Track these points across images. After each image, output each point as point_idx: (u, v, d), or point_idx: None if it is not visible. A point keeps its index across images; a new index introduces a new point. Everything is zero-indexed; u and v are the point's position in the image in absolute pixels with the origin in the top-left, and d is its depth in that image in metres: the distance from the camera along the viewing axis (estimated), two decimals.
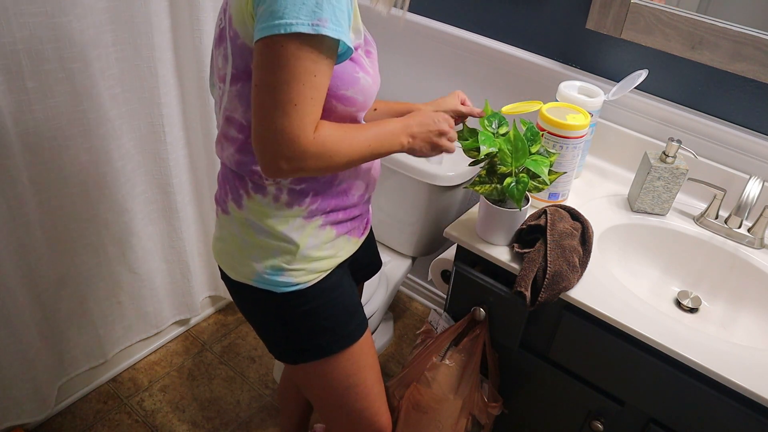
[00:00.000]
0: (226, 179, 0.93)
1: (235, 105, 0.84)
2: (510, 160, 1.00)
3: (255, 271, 0.92)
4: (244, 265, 0.93)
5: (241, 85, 0.82)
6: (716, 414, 0.94)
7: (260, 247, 0.91)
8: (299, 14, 0.70)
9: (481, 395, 1.20)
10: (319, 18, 0.71)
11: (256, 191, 0.89)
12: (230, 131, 0.87)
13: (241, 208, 0.91)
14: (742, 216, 1.12)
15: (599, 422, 1.10)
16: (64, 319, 1.54)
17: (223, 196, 0.94)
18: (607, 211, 1.22)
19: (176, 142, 1.56)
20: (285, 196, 0.89)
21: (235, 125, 0.86)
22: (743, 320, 1.09)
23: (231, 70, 0.82)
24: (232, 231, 0.93)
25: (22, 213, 1.31)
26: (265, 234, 0.91)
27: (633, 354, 0.99)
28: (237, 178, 0.90)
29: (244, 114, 0.84)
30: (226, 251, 0.96)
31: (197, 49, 1.44)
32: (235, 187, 0.91)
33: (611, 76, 1.33)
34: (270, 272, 0.92)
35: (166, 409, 1.68)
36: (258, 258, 0.92)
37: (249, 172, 0.88)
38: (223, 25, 0.83)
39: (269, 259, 0.92)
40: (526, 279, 1.00)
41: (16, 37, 1.16)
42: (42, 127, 1.28)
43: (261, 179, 0.88)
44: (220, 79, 0.86)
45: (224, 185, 0.93)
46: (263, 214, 0.90)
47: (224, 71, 0.84)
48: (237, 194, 0.91)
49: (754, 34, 1.10)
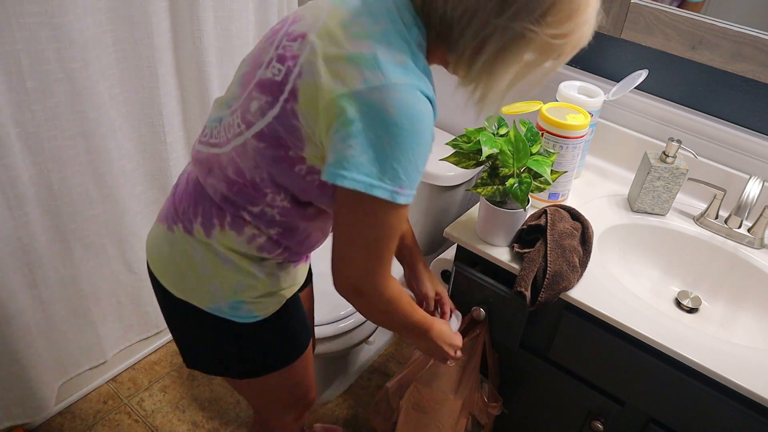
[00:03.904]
0: (198, 202, 0.86)
1: (247, 157, 0.80)
2: (511, 161, 1.00)
3: (213, 301, 0.88)
4: (200, 291, 0.88)
5: (264, 146, 0.78)
6: (716, 414, 0.94)
7: (223, 277, 0.87)
8: (405, 181, 0.71)
9: (481, 395, 1.20)
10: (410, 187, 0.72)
11: (232, 227, 0.84)
12: (229, 170, 0.82)
13: (209, 237, 0.86)
14: (742, 216, 1.12)
15: (599, 422, 1.10)
16: (64, 319, 1.54)
17: (188, 215, 0.87)
18: (607, 211, 1.22)
19: (176, 142, 1.56)
20: (260, 241, 0.86)
21: (237, 171, 0.81)
22: (743, 320, 1.09)
23: (263, 127, 0.77)
24: (189, 252, 0.87)
25: (22, 213, 1.31)
26: (230, 265, 0.86)
27: (633, 354, 0.99)
28: (215, 207, 0.85)
29: (251, 169, 0.80)
30: (177, 271, 0.89)
31: (197, 49, 1.44)
32: (209, 213, 0.85)
33: (611, 76, 1.33)
34: (231, 305, 0.89)
35: (166, 409, 1.68)
36: (218, 289, 0.87)
37: (232, 211, 0.84)
38: (280, 79, 0.75)
39: (231, 292, 0.88)
40: (526, 279, 1.00)
41: (16, 37, 1.16)
42: (42, 127, 1.28)
43: (242, 219, 0.84)
44: (242, 119, 0.80)
45: (193, 205, 0.87)
46: (231, 248, 0.86)
47: (253, 119, 0.78)
48: (209, 222, 0.85)
49: (754, 34, 1.10)
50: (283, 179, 0.80)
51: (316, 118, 0.72)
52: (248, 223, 0.84)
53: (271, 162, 0.78)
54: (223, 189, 0.83)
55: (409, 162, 0.71)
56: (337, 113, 0.70)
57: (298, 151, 0.76)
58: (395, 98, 0.68)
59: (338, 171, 0.70)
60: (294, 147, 0.76)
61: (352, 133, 0.69)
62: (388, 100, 0.68)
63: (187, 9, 1.39)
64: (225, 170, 0.82)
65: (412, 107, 0.69)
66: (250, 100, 0.79)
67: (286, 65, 0.75)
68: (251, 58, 0.83)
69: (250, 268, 0.87)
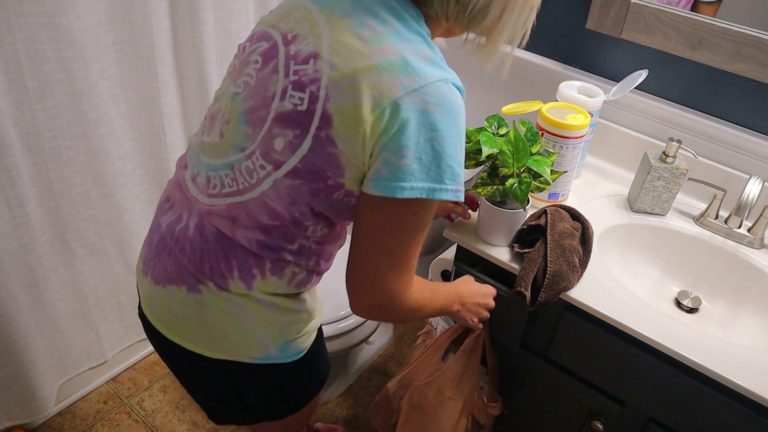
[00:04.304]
0: (231, 255, 0.79)
1: (281, 196, 0.74)
2: (511, 161, 1.00)
3: (261, 350, 0.84)
4: (245, 343, 0.83)
5: (299, 183, 0.73)
6: (716, 414, 0.94)
7: (268, 323, 0.83)
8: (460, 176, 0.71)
9: (480, 395, 1.20)
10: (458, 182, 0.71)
11: (273, 273, 0.80)
12: (262, 216, 0.76)
13: (250, 289, 0.80)
14: (742, 216, 1.12)
15: (599, 422, 1.10)
16: (64, 319, 1.54)
17: (219, 272, 0.80)
18: (607, 211, 1.22)
19: (176, 142, 1.56)
20: (300, 278, 0.83)
21: (273, 214, 0.76)
22: (743, 320, 1.09)
23: (297, 163, 0.72)
24: (227, 308, 0.81)
25: (22, 213, 1.31)
26: (273, 309, 0.83)
27: (633, 354, 0.99)
28: (251, 257, 0.79)
29: (287, 207, 0.75)
30: (215, 331, 0.83)
31: (197, 49, 1.44)
32: (246, 265, 0.79)
33: (611, 76, 1.33)
34: (280, 348, 0.85)
35: (166, 409, 1.68)
36: (265, 336, 0.84)
37: (272, 255, 0.79)
38: (302, 110, 0.70)
39: (279, 334, 0.85)
40: (526, 279, 1.00)
41: (16, 37, 1.16)
42: (42, 127, 1.28)
43: (282, 261, 0.80)
44: (267, 160, 0.73)
45: (224, 260, 0.79)
46: (273, 293, 0.82)
47: (281, 157, 0.72)
48: (248, 274, 0.79)
49: (754, 34, 1.10)
50: (322, 207, 0.76)
51: (355, 138, 0.68)
52: (288, 263, 0.80)
53: (309, 196, 0.74)
54: (258, 236, 0.78)
55: (459, 156, 0.71)
56: (382, 128, 0.67)
57: (337, 178, 0.72)
58: (436, 97, 0.67)
59: (397, 184, 0.68)
60: (334, 176, 0.72)
61: (403, 143, 0.67)
62: (430, 100, 0.67)
63: (187, 9, 1.39)
64: (256, 217, 0.77)
65: (451, 102, 0.69)
66: (272, 138, 0.72)
67: (308, 91, 0.70)
68: (250, 89, 0.76)
69: (293, 306, 0.85)
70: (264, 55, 0.76)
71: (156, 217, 0.88)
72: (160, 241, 0.85)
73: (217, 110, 0.82)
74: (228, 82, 0.81)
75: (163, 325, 0.86)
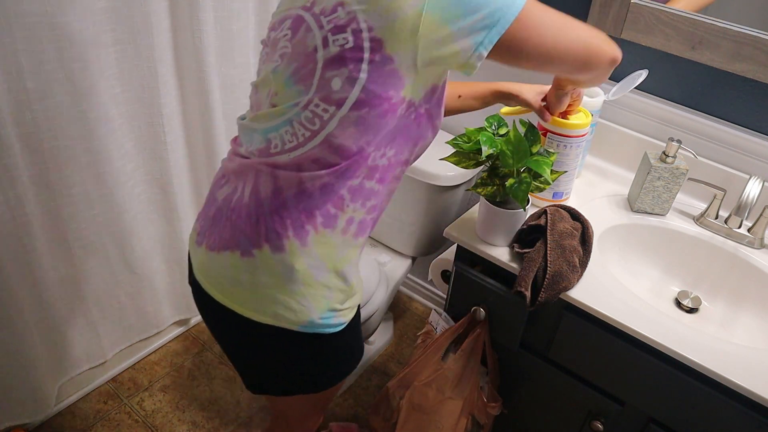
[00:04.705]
0: (285, 215, 0.83)
1: (350, 131, 0.78)
2: (511, 161, 1.00)
3: (307, 316, 0.88)
4: (293, 309, 0.87)
5: (366, 111, 0.77)
6: (716, 414, 0.94)
7: (316, 288, 0.87)
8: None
9: (480, 395, 1.20)
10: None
11: (325, 226, 0.84)
12: (330, 157, 0.80)
13: (305, 245, 0.84)
14: (742, 216, 1.12)
15: (599, 422, 1.10)
16: (64, 319, 1.54)
17: (275, 232, 0.84)
18: (607, 211, 1.22)
19: (176, 142, 1.56)
20: (353, 228, 0.86)
21: (340, 151, 0.80)
22: (743, 320, 1.09)
23: (359, 95, 0.76)
24: (278, 271, 0.85)
25: (22, 213, 1.31)
26: (323, 275, 0.87)
27: (633, 354, 0.99)
28: (305, 213, 0.83)
29: (358, 139, 0.79)
30: (264, 295, 0.87)
31: (197, 49, 1.44)
32: (299, 222, 0.83)
33: (611, 76, 1.33)
34: (325, 316, 0.89)
35: (166, 409, 1.68)
36: (311, 303, 0.87)
37: (332, 197, 0.82)
38: (350, 46, 0.75)
39: (324, 302, 0.88)
40: (526, 279, 1.00)
41: (16, 37, 1.16)
42: (42, 127, 1.28)
43: (339, 206, 0.83)
44: (328, 102, 0.78)
45: (279, 220, 0.83)
46: (325, 252, 0.86)
47: (343, 95, 0.77)
48: (302, 230, 0.83)
49: (754, 34, 1.10)
50: (389, 129, 0.81)
51: (413, 43, 0.73)
52: (345, 208, 0.84)
53: (377, 119, 0.79)
54: (324, 179, 0.82)
55: None
56: (438, 17, 0.71)
57: (398, 93, 0.77)
58: None
59: (501, 11, 0.72)
60: (395, 92, 0.77)
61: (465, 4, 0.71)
62: None
63: (187, 9, 1.39)
64: (323, 160, 0.81)
65: None
66: (327, 82, 0.77)
67: (350, 30, 0.75)
68: (289, 56, 0.81)
69: (339, 274, 0.89)
70: (292, 27, 0.81)
71: (212, 192, 0.94)
72: (217, 212, 0.90)
73: (263, 95, 0.86)
74: (264, 68, 0.87)
75: (215, 289, 0.90)
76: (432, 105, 0.84)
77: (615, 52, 0.84)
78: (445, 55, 0.74)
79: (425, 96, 0.82)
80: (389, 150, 0.83)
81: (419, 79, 0.78)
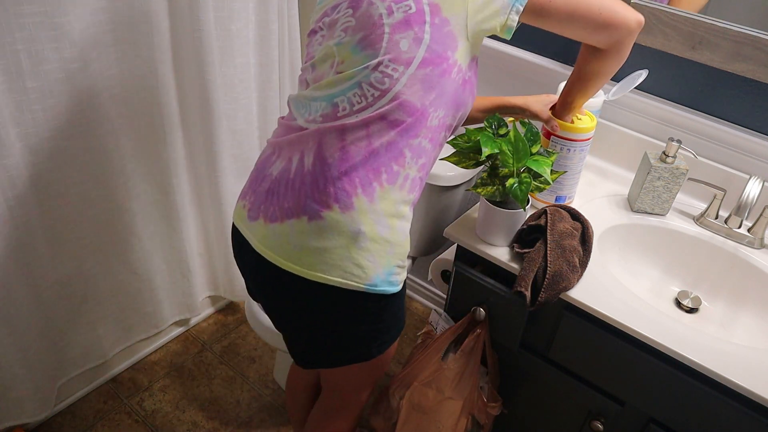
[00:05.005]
0: (353, 174, 0.89)
1: (416, 88, 0.87)
2: (511, 161, 1.00)
3: (374, 274, 0.92)
4: (361, 266, 0.91)
5: (430, 69, 0.86)
6: (716, 414, 0.94)
7: (380, 243, 0.91)
8: None
9: (480, 395, 1.20)
10: None
11: (389, 182, 0.90)
12: (397, 114, 0.87)
13: (373, 202, 0.89)
14: (742, 216, 1.12)
15: (599, 422, 1.10)
16: (64, 319, 1.54)
17: (344, 192, 0.89)
18: (607, 211, 1.22)
19: (176, 142, 1.56)
20: (408, 184, 0.92)
21: (406, 108, 0.87)
22: (743, 320, 1.09)
23: (424, 54, 0.86)
24: (346, 231, 0.89)
25: (22, 213, 1.31)
26: (386, 230, 0.91)
27: (633, 354, 0.99)
28: (372, 170, 0.89)
29: (422, 97, 0.87)
30: (333, 256, 0.91)
31: (197, 49, 1.44)
32: (367, 179, 0.89)
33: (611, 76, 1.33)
34: (388, 271, 0.94)
35: (166, 409, 1.68)
36: (378, 258, 0.92)
37: (396, 154, 0.89)
38: (413, 11, 0.85)
39: (387, 258, 0.93)
40: (526, 279, 1.00)
41: (16, 37, 1.16)
42: (42, 127, 1.28)
43: (399, 161, 0.90)
44: (398, 62, 0.86)
45: (348, 179, 0.89)
46: (388, 207, 0.91)
47: (411, 54, 0.86)
48: (369, 186, 0.89)
49: (754, 34, 1.10)
50: (443, 88, 0.89)
51: (463, 7, 0.85)
52: (403, 164, 0.90)
53: (438, 78, 0.87)
54: (390, 137, 0.88)
55: None
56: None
57: (453, 54, 0.87)
58: None
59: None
60: (451, 53, 0.87)
61: None
62: None
63: (187, 9, 1.39)
64: (391, 116, 0.88)
65: None
66: (395, 44, 0.86)
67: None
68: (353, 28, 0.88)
69: (400, 226, 0.93)
70: (351, 5, 0.90)
71: (261, 170, 0.99)
72: (273, 185, 0.95)
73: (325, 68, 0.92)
74: (321, 48, 0.93)
75: (282, 257, 0.93)
76: (472, 73, 0.93)
77: (638, 15, 0.90)
78: (488, 16, 0.86)
79: (470, 63, 0.91)
80: (441, 111, 0.91)
81: (468, 44, 0.88)
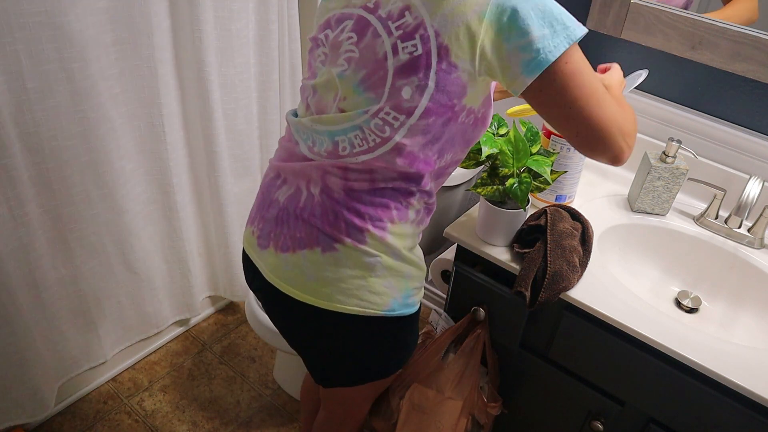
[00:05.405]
0: (363, 210, 0.87)
1: (418, 139, 0.82)
2: (511, 161, 1.00)
3: (391, 298, 0.92)
4: (378, 294, 0.90)
5: (433, 119, 0.81)
6: (716, 414, 0.94)
7: (395, 271, 0.91)
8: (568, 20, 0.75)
9: (480, 395, 1.20)
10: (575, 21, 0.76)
11: (399, 218, 0.88)
12: (400, 161, 0.83)
13: (384, 238, 0.88)
14: (742, 216, 1.12)
15: (599, 422, 1.10)
16: (64, 319, 1.54)
17: (355, 227, 0.87)
18: (607, 211, 1.22)
19: (176, 142, 1.56)
20: (419, 217, 0.91)
21: (409, 157, 0.83)
22: (743, 320, 1.09)
23: (427, 103, 0.79)
24: (362, 261, 0.88)
25: (22, 213, 1.31)
26: (399, 258, 0.90)
27: (633, 354, 0.99)
28: (380, 208, 0.87)
29: (424, 147, 0.83)
30: (350, 286, 0.89)
31: (197, 49, 1.44)
32: (377, 215, 0.87)
33: None
34: (405, 295, 0.93)
35: (166, 409, 1.68)
36: (393, 285, 0.91)
37: (403, 196, 0.87)
38: (419, 54, 0.77)
39: (404, 283, 0.93)
40: (526, 279, 1.00)
41: (16, 37, 1.16)
42: (42, 127, 1.28)
43: (408, 200, 0.88)
44: (399, 111, 0.80)
45: (359, 216, 0.87)
46: (400, 241, 0.90)
47: (413, 104, 0.79)
48: (380, 222, 0.88)
49: (754, 34, 1.10)
50: (451, 134, 0.84)
51: (473, 53, 0.76)
52: (412, 202, 0.88)
53: (441, 128, 0.82)
54: (395, 183, 0.86)
55: (559, 6, 0.76)
56: (496, 28, 0.74)
57: (461, 101, 0.80)
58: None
59: (541, 54, 0.73)
60: (458, 100, 0.80)
61: (521, 24, 0.73)
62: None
63: (187, 9, 1.39)
64: (393, 163, 0.84)
65: None
66: (397, 91, 0.79)
67: (418, 36, 0.77)
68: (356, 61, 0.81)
69: (414, 254, 0.93)
70: (355, 30, 0.82)
71: (267, 195, 0.96)
72: (281, 213, 0.92)
73: (329, 99, 0.87)
74: (324, 69, 0.87)
75: (296, 288, 0.91)
76: (486, 108, 0.87)
77: (629, 154, 0.83)
78: (497, 70, 0.77)
79: (483, 101, 0.85)
80: (448, 154, 0.88)
81: (478, 87, 0.80)
